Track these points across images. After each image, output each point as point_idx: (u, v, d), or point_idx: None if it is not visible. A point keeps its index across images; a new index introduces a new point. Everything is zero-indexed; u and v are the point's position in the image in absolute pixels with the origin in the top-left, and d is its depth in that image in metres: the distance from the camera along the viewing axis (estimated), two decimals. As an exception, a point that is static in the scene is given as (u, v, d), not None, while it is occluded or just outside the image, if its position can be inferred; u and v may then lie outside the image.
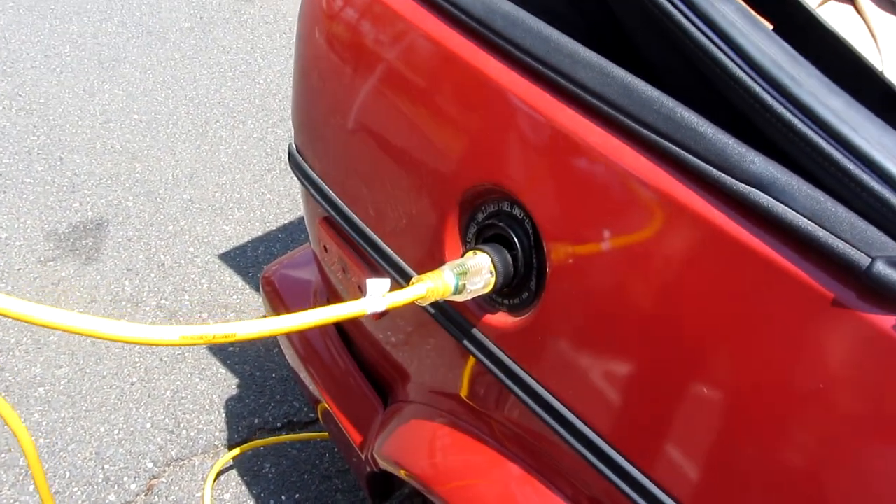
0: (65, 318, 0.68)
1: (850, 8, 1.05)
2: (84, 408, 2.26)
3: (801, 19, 0.90)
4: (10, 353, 2.40)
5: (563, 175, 0.85)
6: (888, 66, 1.01)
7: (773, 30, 0.93)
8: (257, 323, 0.76)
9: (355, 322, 1.41)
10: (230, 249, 2.83)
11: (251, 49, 4.05)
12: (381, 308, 0.82)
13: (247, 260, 2.79)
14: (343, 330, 1.51)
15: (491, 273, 0.90)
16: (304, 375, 1.57)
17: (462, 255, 0.94)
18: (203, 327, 0.73)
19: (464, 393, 1.13)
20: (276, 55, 4.02)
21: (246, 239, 2.88)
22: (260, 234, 2.91)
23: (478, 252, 0.91)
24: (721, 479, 0.76)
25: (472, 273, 0.89)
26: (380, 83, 1.09)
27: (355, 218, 1.18)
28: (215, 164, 3.23)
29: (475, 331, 0.99)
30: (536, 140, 0.87)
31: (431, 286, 0.85)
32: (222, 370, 2.38)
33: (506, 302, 0.95)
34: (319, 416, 1.70)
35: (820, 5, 1.06)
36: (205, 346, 2.45)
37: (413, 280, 0.86)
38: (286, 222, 2.97)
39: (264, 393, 2.34)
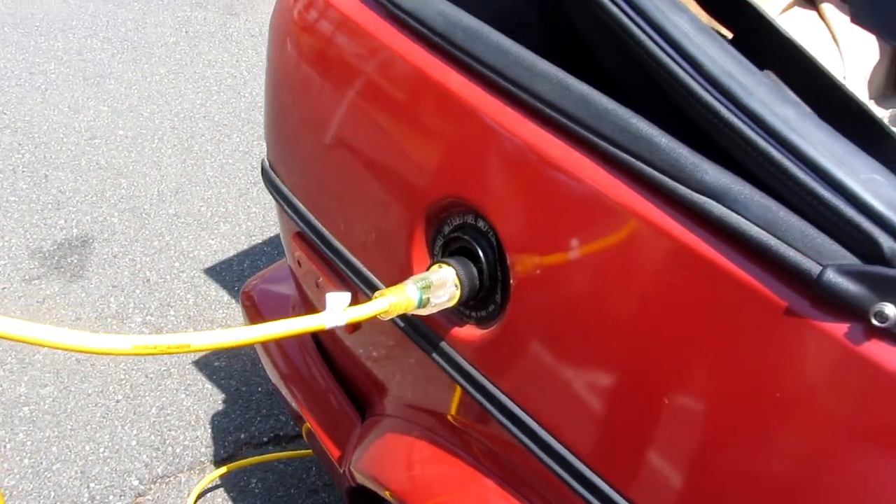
0: (17, 327, 0.67)
1: (813, 14, 1.06)
2: (69, 426, 2.25)
3: (760, 28, 0.90)
4: (-5, 373, 2.39)
5: (524, 187, 0.85)
6: (850, 70, 1.01)
7: (733, 38, 0.94)
8: (213, 334, 0.75)
9: (332, 336, 1.40)
10: (216, 264, 2.82)
11: (237, 62, 4.05)
12: (340, 322, 0.81)
13: (232, 274, 2.78)
14: (322, 344, 1.50)
15: (456, 286, 0.90)
16: (284, 391, 1.56)
17: (428, 269, 0.93)
18: (157, 337, 0.73)
19: (438, 407, 1.12)
20: (261, 68, 4.01)
21: (231, 253, 2.88)
22: (245, 247, 2.90)
23: (443, 265, 0.91)
24: (685, 491, 0.76)
25: (437, 286, 0.89)
26: (347, 98, 1.09)
27: (326, 232, 1.18)
28: (201, 178, 3.23)
29: (444, 344, 0.99)
30: (497, 153, 0.87)
31: (394, 300, 0.85)
32: (208, 385, 2.38)
33: (473, 315, 0.95)
34: (304, 435, 1.70)
35: (784, 11, 1.06)
36: (181, 357, 2.44)
37: (375, 294, 0.86)
38: (272, 235, 2.97)
39: (250, 407, 2.33)
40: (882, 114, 1.10)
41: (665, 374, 0.75)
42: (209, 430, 2.26)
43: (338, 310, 0.81)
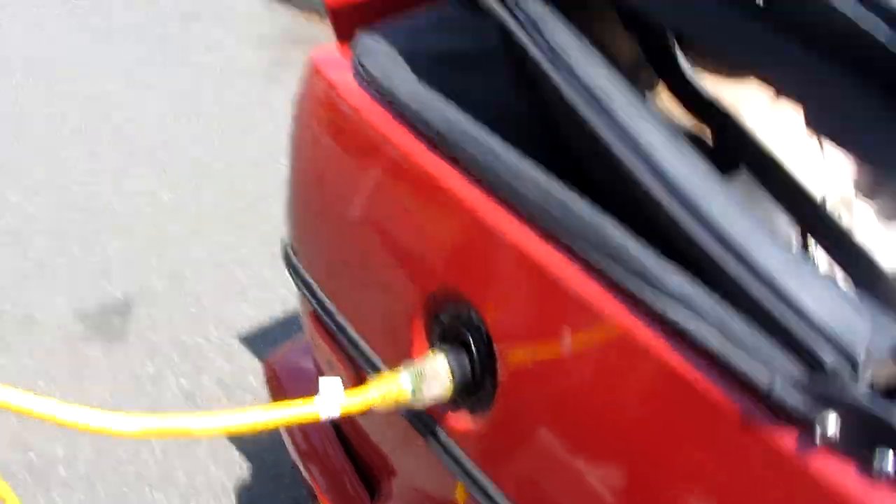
0: (26, 401, 0.73)
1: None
2: (102, 490, 2.31)
3: (735, 129, 0.94)
4: (36, 433, 2.46)
5: (509, 283, 0.89)
6: (830, 165, 1.04)
7: (712, 137, 0.98)
8: (212, 419, 0.80)
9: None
10: (251, 331, 2.89)
11: (278, 131, 4.16)
12: (334, 414, 0.85)
13: (267, 341, 2.84)
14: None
15: (449, 379, 0.94)
16: (301, 468, 1.60)
17: (425, 357, 0.97)
18: (162, 420, 0.77)
19: (441, 494, 1.15)
20: (303, 137, 4.12)
21: (266, 320, 2.94)
22: (280, 315, 2.97)
23: (437, 354, 0.95)
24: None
25: (430, 377, 0.93)
26: (357, 188, 1.15)
27: (338, 315, 1.23)
28: (239, 245, 3.32)
29: (438, 429, 1.02)
30: (487, 250, 0.92)
31: (386, 391, 0.89)
32: (236, 454, 2.42)
33: (466, 402, 0.99)
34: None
35: (771, 102, 1.09)
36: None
37: (368, 383, 0.90)
38: (306, 303, 3.03)
39: (277, 478, 2.36)
40: (868, 209, 1.12)
41: (640, 476, 0.77)
42: (234, 500, 2.29)
43: (331, 398, 0.85)
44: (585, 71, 0.84)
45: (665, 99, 1.07)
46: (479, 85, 1.16)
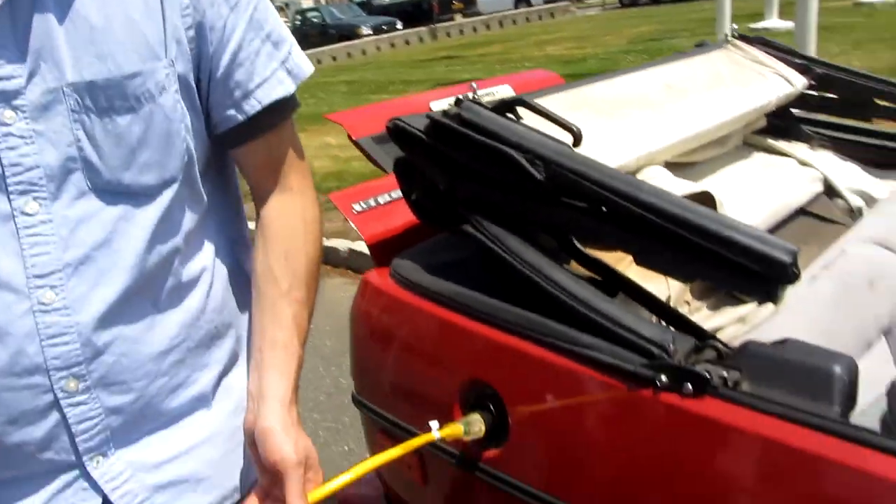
0: None
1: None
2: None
3: (612, 274, 1.82)
4: None
5: (519, 373, 1.71)
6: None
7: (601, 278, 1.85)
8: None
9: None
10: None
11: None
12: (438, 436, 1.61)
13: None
14: None
15: (482, 423, 1.72)
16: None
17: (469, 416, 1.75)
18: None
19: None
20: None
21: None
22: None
23: (474, 413, 1.74)
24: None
25: (473, 423, 1.71)
26: (407, 342, 1.98)
27: (398, 420, 2.00)
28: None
29: (473, 459, 1.80)
30: (502, 355, 1.73)
31: (453, 429, 1.67)
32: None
33: (492, 440, 1.76)
34: None
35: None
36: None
37: (443, 426, 1.67)
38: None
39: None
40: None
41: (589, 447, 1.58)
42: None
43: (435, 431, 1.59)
44: (526, 255, 1.69)
45: (574, 265, 1.94)
46: (467, 273, 2.02)
